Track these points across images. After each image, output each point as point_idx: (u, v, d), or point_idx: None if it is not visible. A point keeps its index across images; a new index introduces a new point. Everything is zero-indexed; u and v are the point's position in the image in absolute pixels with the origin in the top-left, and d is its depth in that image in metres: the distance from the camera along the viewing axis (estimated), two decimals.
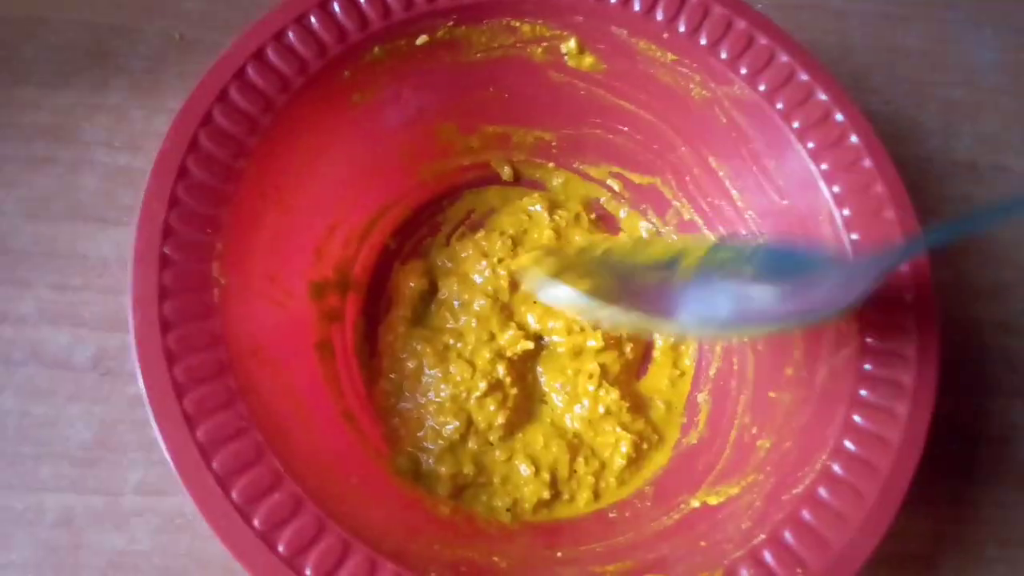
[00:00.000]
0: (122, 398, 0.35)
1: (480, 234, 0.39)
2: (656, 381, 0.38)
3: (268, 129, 0.30)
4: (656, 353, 0.39)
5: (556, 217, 0.40)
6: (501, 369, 0.35)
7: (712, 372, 0.37)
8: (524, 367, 0.37)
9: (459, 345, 0.36)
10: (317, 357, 0.34)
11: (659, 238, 0.40)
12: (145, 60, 0.41)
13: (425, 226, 0.40)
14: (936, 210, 0.43)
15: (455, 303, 0.38)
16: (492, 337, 0.36)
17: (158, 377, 0.26)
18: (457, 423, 0.34)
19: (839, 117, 0.33)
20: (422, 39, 0.34)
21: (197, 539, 0.33)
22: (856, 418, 0.28)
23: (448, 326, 0.37)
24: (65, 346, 0.35)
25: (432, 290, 0.39)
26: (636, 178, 0.40)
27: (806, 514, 0.27)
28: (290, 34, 0.32)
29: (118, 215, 0.38)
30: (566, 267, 0.30)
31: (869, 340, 0.29)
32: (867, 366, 0.29)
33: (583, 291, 0.28)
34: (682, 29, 0.34)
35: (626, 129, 0.38)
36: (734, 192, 0.36)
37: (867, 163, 0.32)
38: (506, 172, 0.42)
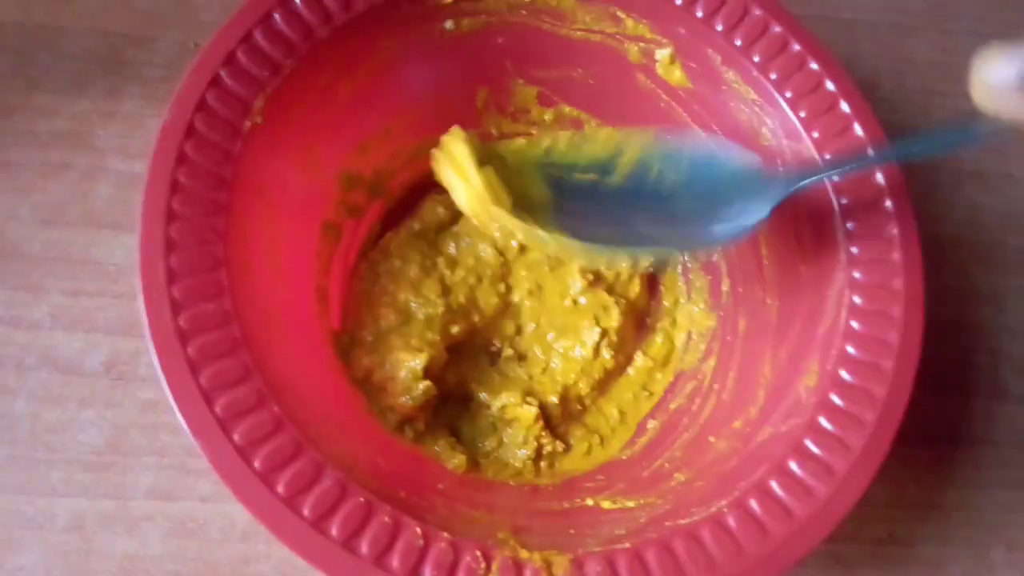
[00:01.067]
0: (134, 403, 0.35)
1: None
2: (622, 392, 0.38)
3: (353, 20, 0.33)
4: (631, 371, 0.39)
5: None
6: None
7: (673, 406, 0.37)
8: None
9: (447, 272, 0.37)
10: (320, 231, 0.35)
11: (599, 130, 0.40)
12: (161, 69, 0.41)
13: None
14: (945, 217, 0.43)
15: (465, 241, 0.38)
16: (479, 282, 0.37)
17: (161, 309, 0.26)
18: (395, 320, 0.36)
19: (888, 204, 0.32)
20: None
21: (208, 544, 0.33)
22: (772, 484, 0.28)
23: (448, 252, 0.38)
24: (78, 351, 0.35)
25: (454, 222, 0.40)
26: None
27: (677, 545, 0.26)
28: None
29: (132, 222, 0.38)
30: (494, 159, 0.30)
31: (821, 420, 0.29)
32: (808, 442, 0.28)
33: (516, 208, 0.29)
34: (773, 76, 0.34)
35: None
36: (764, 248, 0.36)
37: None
38: None
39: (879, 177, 0.32)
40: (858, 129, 0.33)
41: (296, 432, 0.26)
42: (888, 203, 0.32)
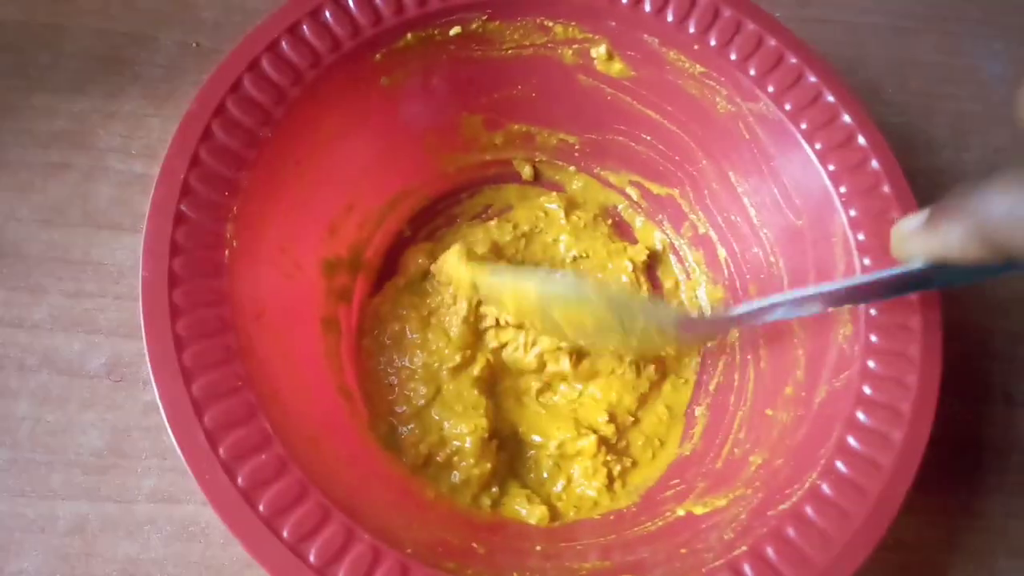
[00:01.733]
0: (136, 405, 0.35)
1: (493, 222, 0.40)
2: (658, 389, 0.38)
3: (296, 101, 0.31)
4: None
5: (573, 217, 0.40)
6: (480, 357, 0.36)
7: (712, 386, 0.37)
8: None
9: (440, 314, 0.37)
10: (321, 331, 0.34)
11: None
12: (162, 68, 0.41)
13: (442, 216, 0.41)
14: None
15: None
16: (476, 318, 0.37)
17: (161, 333, 0.26)
18: (425, 390, 0.35)
19: (861, 140, 0.33)
20: (455, 30, 0.34)
21: (210, 547, 0.33)
22: (851, 440, 0.28)
23: (437, 299, 0.37)
24: (79, 353, 0.35)
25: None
26: (655, 188, 0.40)
27: (790, 531, 0.26)
28: (327, 12, 0.32)
29: (133, 222, 0.38)
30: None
31: (871, 364, 0.29)
32: (867, 389, 0.29)
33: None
34: (713, 43, 0.34)
35: (649, 138, 0.39)
36: (751, 209, 0.36)
37: (886, 189, 0.32)
38: (527, 171, 0.42)
39: (861, 141, 0.33)
40: (811, 77, 0.33)
41: (371, 538, 0.25)
42: (867, 152, 0.33)
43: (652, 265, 0.41)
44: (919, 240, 0.26)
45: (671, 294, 0.41)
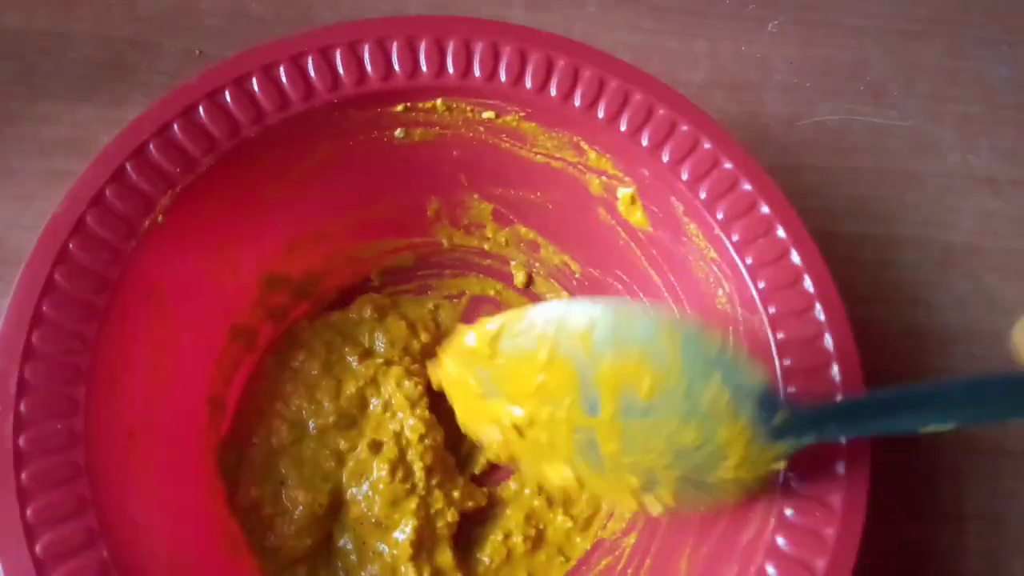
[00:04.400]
0: None
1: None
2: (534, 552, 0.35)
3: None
4: (549, 530, 0.35)
5: None
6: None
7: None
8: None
9: (344, 371, 0.35)
10: (228, 336, 0.33)
11: None
12: (165, 75, 0.40)
13: (416, 282, 0.40)
14: (959, 225, 0.43)
15: (380, 339, 0.36)
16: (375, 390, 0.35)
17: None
18: (286, 435, 0.33)
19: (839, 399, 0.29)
20: (488, 114, 0.33)
21: None
22: None
23: (356, 354, 0.35)
24: None
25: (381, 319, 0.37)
26: None
27: None
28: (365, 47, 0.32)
29: None
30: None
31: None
32: None
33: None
34: (735, 238, 0.31)
35: (644, 298, 0.36)
36: None
37: None
38: (520, 277, 0.40)
39: (836, 376, 0.28)
40: (820, 314, 0.29)
41: None
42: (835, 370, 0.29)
43: None
44: None
45: None
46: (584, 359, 0.23)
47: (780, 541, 0.26)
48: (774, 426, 0.24)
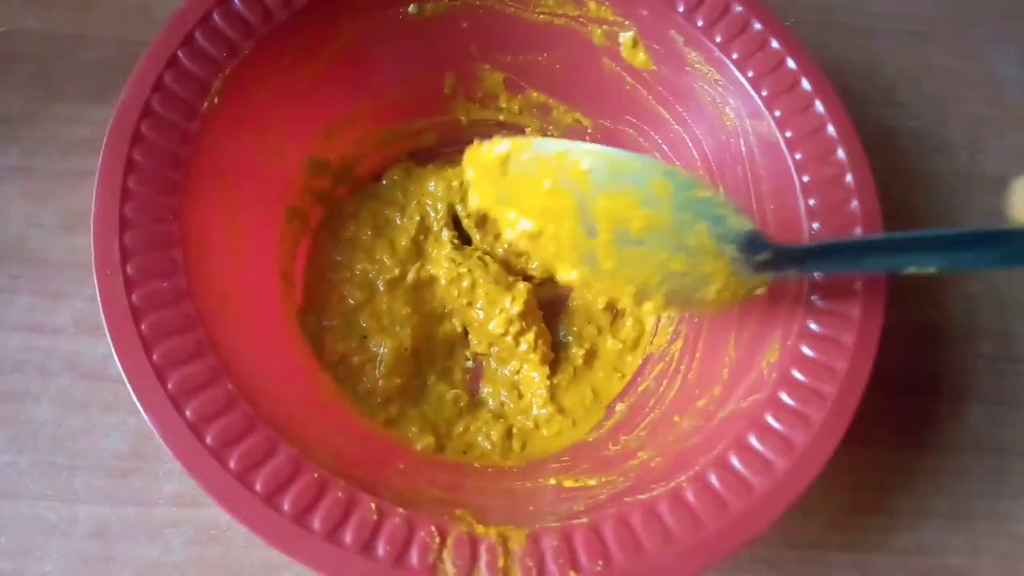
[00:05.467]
0: None
1: None
2: (594, 372, 0.39)
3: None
4: (603, 353, 0.39)
5: None
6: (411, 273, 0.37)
7: (641, 388, 0.37)
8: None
9: (393, 227, 0.39)
10: (284, 217, 0.36)
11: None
12: None
13: (441, 158, 0.42)
14: (963, 224, 0.43)
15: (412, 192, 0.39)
16: (424, 235, 0.39)
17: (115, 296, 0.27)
18: (360, 295, 0.37)
19: (849, 179, 0.32)
20: None
21: (231, 550, 0.33)
22: (732, 458, 0.27)
23: (397, 210, 0.39)
24: (101, 357, 0.35)
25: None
26: None
27: (635, 519, 0.26)
28: None
29: None
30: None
31: (782, 395, 0.28)
32: (768, 417, 0.28)
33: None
34: (735, 55, 0.34)
35: (656, 137, 0.39)
36: None
37: (858, 232, 0.31)
38: None
39: (842, 156, 0.32)
40: (819, 107, 0.33)
41: (249, 409, 0.26)
42: (852, 191, 0.32)
43: None
44: None
45: None
46: (582, 194, 0.26)
47: (815, 299, 0.30)
48: (756, 262, 0.27)
